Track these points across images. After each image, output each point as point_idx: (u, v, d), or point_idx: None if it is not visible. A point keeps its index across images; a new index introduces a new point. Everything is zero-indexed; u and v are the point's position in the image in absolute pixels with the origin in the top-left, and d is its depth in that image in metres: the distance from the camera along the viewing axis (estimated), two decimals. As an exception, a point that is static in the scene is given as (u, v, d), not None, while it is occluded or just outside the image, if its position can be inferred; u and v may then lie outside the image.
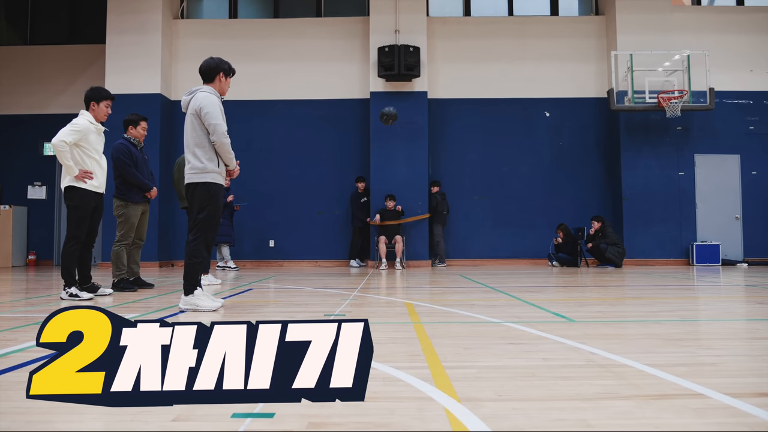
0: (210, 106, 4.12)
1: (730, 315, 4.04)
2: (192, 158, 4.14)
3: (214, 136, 4.11)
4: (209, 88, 4.28)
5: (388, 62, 10.99)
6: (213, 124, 4.09)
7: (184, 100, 4.29)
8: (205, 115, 4.09)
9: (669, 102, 10.69)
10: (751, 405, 1.71)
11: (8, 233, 11.88)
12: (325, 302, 4.73)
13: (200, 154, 4.12)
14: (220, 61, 4.37)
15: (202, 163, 4.12)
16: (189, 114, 4.18)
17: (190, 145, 4.16)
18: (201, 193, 4.12)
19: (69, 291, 4.92)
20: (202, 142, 4.13)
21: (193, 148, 4.14)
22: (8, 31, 13.27)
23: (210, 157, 4.14)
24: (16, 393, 1.91)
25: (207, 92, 4.22)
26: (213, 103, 4.15)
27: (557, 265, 10.59)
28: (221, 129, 4.12)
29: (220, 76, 4.35)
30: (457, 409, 1.68)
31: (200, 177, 4.12)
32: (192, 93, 4.26)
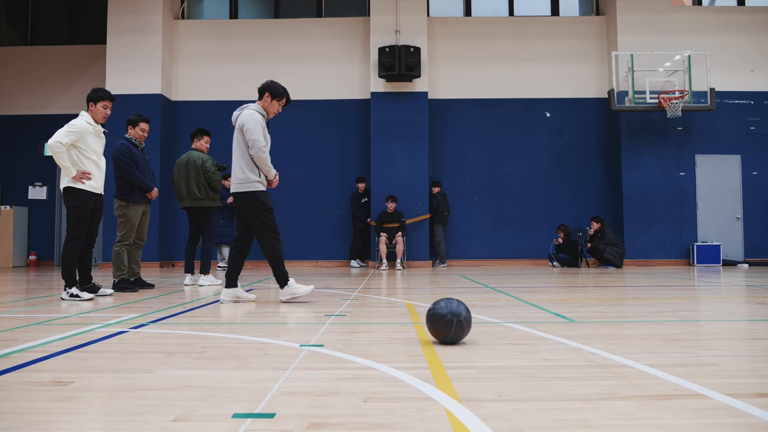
0: (251, 122, 4.53)
1: (730, 315, 4.04)
2: (237, 170, 4.59)
3: (252, 150, 4.52)
4: (256, 105, 4.70)
5: (389, 63, 10.99)
6: (251, 140, 4.51)
7: (235, 115, 4.70)
8: (246, 131, 4.52)
9: (670, 102, 10.69)
10: (751, 405, 1.71)
11: (9, 234, 11.89)
12: (326, 303, 4.73)
13: (243, 166, 4.56)
14: (273, 84, 4.76)
15: (244, 174, 4.56)
16: (236, 129, 4.60)
17: (237, 157, 4.59)
18: (251, 201, 4.58)
19: (70, 291, 4.92)
20: (245, 155, 4.57)
21: (239, 161, 4.58)
22: (9, 32, 13.28)
23: (251, 168, 4.58)
24: (17, 393, 1.92)
25: (252, 109, 4.64)
26: (255, 119, 4.56)
27: (558, 266, 10.58)
28: (258, 144, 4.51)
29: (266, 96, 4.72)
30: (457, 410, 1.68)
31: (244, 187, 4.57)
32: (241, 110, 4.67)
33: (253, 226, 4.65)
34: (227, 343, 2.85)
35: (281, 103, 4.80)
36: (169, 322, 3.61)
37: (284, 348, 2.67)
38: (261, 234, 4.63)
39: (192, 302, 4.91)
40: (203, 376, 2.15)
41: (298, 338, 2.94)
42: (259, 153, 4.53)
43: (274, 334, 3.07)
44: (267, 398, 1.82)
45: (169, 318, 3.80)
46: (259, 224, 4.62)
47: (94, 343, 2.86)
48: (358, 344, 2.76)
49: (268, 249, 4.63)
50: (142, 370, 2.25)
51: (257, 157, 4.55)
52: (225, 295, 4.70)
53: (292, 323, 3.60)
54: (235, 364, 2.36)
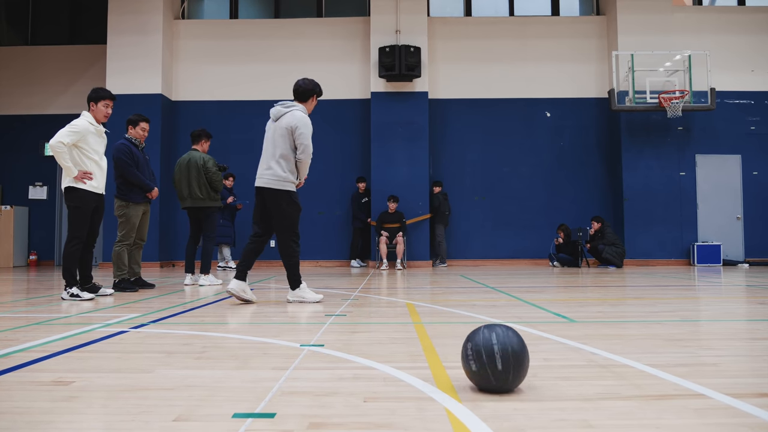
0: (306, 127, 4.60)
1: (731, 315, 4.04)
2: (276, 166, 4.58)
3: (303, 155, 4.59)
4: (303, 107, 4.72)
5: (389, 62, 10.99)
6: (306, 145, 4.58)
7: (279, 110, 4.67)
8: (299, 135, 4.55)
9: (670, 102, 10.69)
10: (751, 405, 1.71)
11: (9, 233, 11.89)
12: (326, 302, 4.73)
13: (284, 165, 4.58)
14: (315, 84, 4.81)
15: (285, 173, 4.58)
16: (282, 126, 4.58)
17: (276, 154, 4.58)
18: (286, 200, 4.60)
19: (70, 291, 4.92)
20: (289, 155, 4.59)
21: (279, 158, 4.58)
22: (9, 32, 13.28)
23: (292, 169, 4.62)
24: (17, 393, 1.92)
25: (303, 113, 4.68)
26: (309, 125, 4.63)
27: (558, 266, 10.58)
28: (310, 150, 4.62)
29: (314, 99, 4.81)
30: (457, 410, 1.68)
31: (282, 185, 4.58)
32: (289, 108, 4.65)
33: (280, 225, 4.65)
34: (227, 343, 2.85)
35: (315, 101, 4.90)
36: (170, 322, 3.61)
37: (284, 348, 2.67)
38: (285, 234, 4.65)
39: (192, 302, 4.91)
40: (203, 375, 2.15)
41: (299, 338, 2.94)
42: (308, 159, 4.63)
43: (274, 334, 3.07)
44: (267, 398, 1.82)
45: (170, 318, 3.80)
46: (288, 224, 4.64)
47: (95, 343, 2.86)
48: (358, 344, 2.76)
49: (289, 251, 4.66)
50: (142, 370, 2.25)
51: (306, 162, 4.63)
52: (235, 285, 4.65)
53: (292, 323, 3.60)
54: (236, 363, 2.36)
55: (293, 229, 4.67)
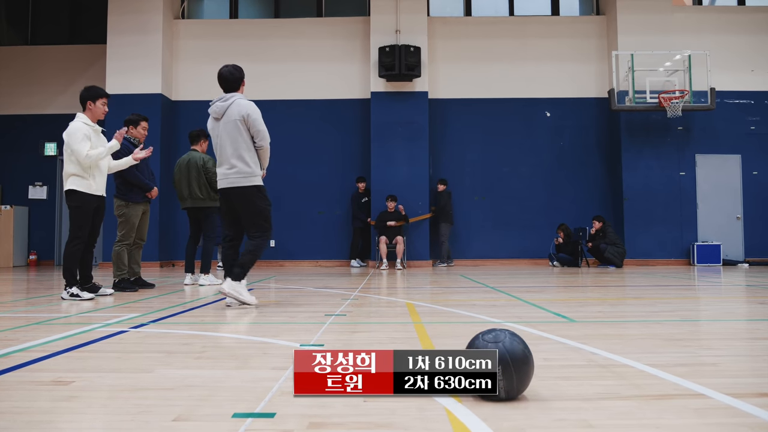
0: (256, 113, 4.36)
1: (730, 315, 4.04)
2: (239, 162, 4.34)
3: (262, 142, 4.38)
4: (242, 95, 4.49)
5: (389, 62, 10.98)
6: (261, 131, 4.36)
7: (220, 106, 4.40)
8: (253, 121, 4.32)
9: (670, 102, 10.69)
10: (751, 405, 1.71)
11: (9, 233, 11.88)
12: (326, 302, 4.73)
13: (248, 159, 4.34)
14: (240, 70, 4.57)
15: (250, 168, 4.35)
16: (233, 120, 4.32)
17: (238, 150, 4.33)
18: (257, 195, 4.38)
19: (70, 291, 4.92)
20: (249, 146, 4.36)
21: (242, 153, 4.33)
22: (9, 32, 13.28)
23: (255, 161, 4.40)
24: (17, 393, 1.92)
25: (248, 100, 4.44)
26: (257, 110, 4.39)
27: (558, 266, 10.58)
28: (266, 135, 4.41)
29: (243, 84, 4.55)
30: (457, 409, 1.68)
31: (250, 180, 4.35)
32: (228, 100, 4.39)
33: (251, 222, 4.39)
34: (227, 343, 2.85)
35: None
36: (169, 322, 3.61)
37: (284, 348, 2.67)
38: (258, 231, 4.41)
39: (192, 302, 4.91)
40: (203, 375, 2.15)
41: (298, 338, 2.93)
42: (267, 144, 4.44)
43: (274, 334, 3.07)
44: (267, 398, 1.82)
45: (169, 318, 3.80)
46: (261, 221, 4.42)
47: (95, 342, 2.86)
48: (358, 344, 2.76)
49: (256, 247, 4.41)
50: (142, 369, 2.25)
51: (266, 148, 4.44)
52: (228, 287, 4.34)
53: (292, 323, 3.60)
54: (236, 363, 2.36)
55: (269, 226, 4.48)
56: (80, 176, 4.91)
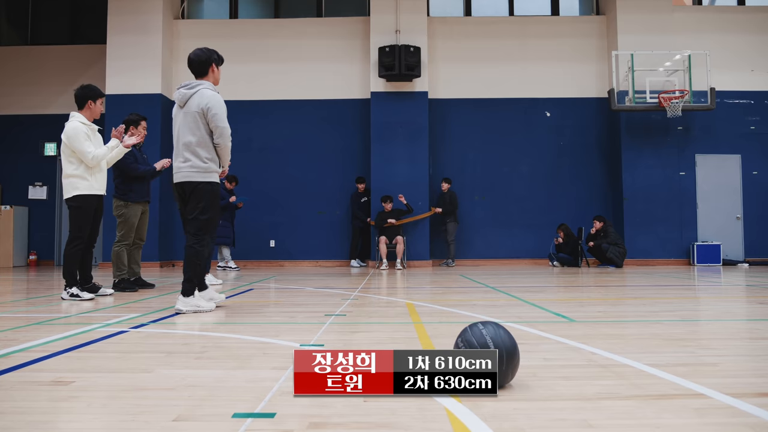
0: (218, 107, 4.02)
1: (730, 315, 4.04)
2: (192, 156, 4.02)
3: (220, 139, 4.05)
4: (210, 84, 4.12)
5: (389, 62, 10.98)
6: (222, 127, 4.03)
7: (183, 93, 4.07)
8: (213, 116, 3.99)
9: (670, 102, 10.68)
10: (751, 405, 1.71)
11: (9, 233, 11.88)
12: (326, 302, 4.73)
13: (203, 154, 4.03)
14: (210, 51, 4.18)
15: (205, 163, 4.04)
16: (192, 111, 4.01)
17: (191, 144, 4.02)
18: (207, 192, 4.06)
19: (70, 291, 4.92)
20: (206, 141, 4.04)
21: (195, 147, 4.02)
22: (9, 31, 13.28)
23: (213, 157, 4.08)
24: (17, 393, 1.92)
25: (212, 90, 4.08)
26: (221, 104, 4.05)
27: (558, 266, 10.58)
28: (228, 132, 4.08)
29: (212, 68, 4.17)
30: (457, 409, 1.68)
31: (204, 176, 4.04)
32: (193, 88, 4.06)
33: (197, 219, 4.04)
34: (227, 343, 2.85)
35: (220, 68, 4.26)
36: (169, 322, 3.61)
37: (284, 347, 2.67)
38: (203, 231, 4.06)
39: (192, 302, 4.90)
40: (203, 375, 2.15)
41: (299, 338, 2.94)
42: (228, 142, 4.09)
43: (274, 334, 3.07)
44: (267, 398, 1.82)
45: (169, 318, 3.80)
46: (203, 220, 4.05)
47: (95, 342, 2.86)
48: (358, 344, 2.76)
49: (198, 249, 4.04)
50: (142, 369, 2.25)
51: (225, 146, 4.09)
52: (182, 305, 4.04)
53: (292, 323, 3.60)
54: (236, 363, 2.36)
55: (213, 227, 4.14)
56: (81, 177, 4.92)
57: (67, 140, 4.87)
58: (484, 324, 1.95)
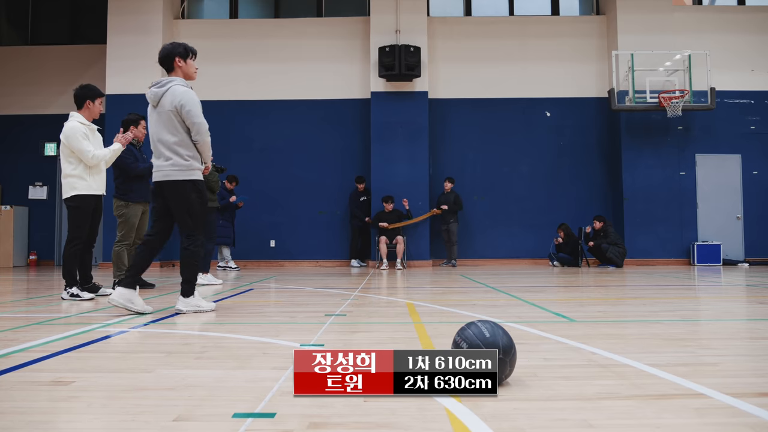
0: (191, 103, 3.90)
1: (731, 315, 4.04)
2: (173, 155, 3.93)
3: (198, 136, 3.94)
4: (181, 80, 4.00)
5: (389, 62, 10.99)
6: (197, 123, 3.91)
7: (154, 92, 3.95)
8: (187, 113, 3.88)
9: (670, 102, 10.68)
10: (752, 405, 1.71)
11: (9, 233, 11.89)
12: (326, 302, 4.72)
13: (183, 152, 3.94)
14: (173, 45, 4.06)
15: (187, 161, 3.95)
16: (165, 110, 3.90)
17: (169, 143, 3.92)
18: (190, 190, 3.97)
19: (70, 291, 4.93)
20: (185, 139, 3.95)
21: (175, 146, 3.92)
22: (9, 32, 13.28)
23: (193, 154, 3.98)
24: (17, 393, 1.92)
25: (184, 86, 3.95)
26: (194, 100, 3.94)
27: (558, 265, 10.58)
28: (205, 128, 3.96)
29: (177, 62, 4.02)
30: (457, 409, 1.68)
31: (186, 174, 3.95)
32: (164, 86, 3.94)
33: (185, 220, 4.02)
34: (227, 343, 2.85)
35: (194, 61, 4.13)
36: (169, 322, 3.61)
37: (284, 347, 2.67)
38: (193, 230, 4.01)
39: (192, 302, 4.89)
40: (203, 375, 2.15)
41: (299, 338, 2.94)
42: (206, 137, 3.97)
43: (274, 334, 3.07)
44: (267, 398, 1.82)
45: (169, 318, 3.80)
46: (193, 219, 4.01)
47: (95, 342, 2.86)
48: (358, 344, 2.76)
49: (193, 250, 4.02)
50: (142, 369, 2.25)
51: (203, 142, 3.97)
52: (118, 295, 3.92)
53: (292, 323, 3.60)
54: (236, 363, 2.36)
55: (202, 226, 4.10)
56: (79, 177, 4.92)
57: (65, 140, 4.88)
58: (481, 322, 1.99)
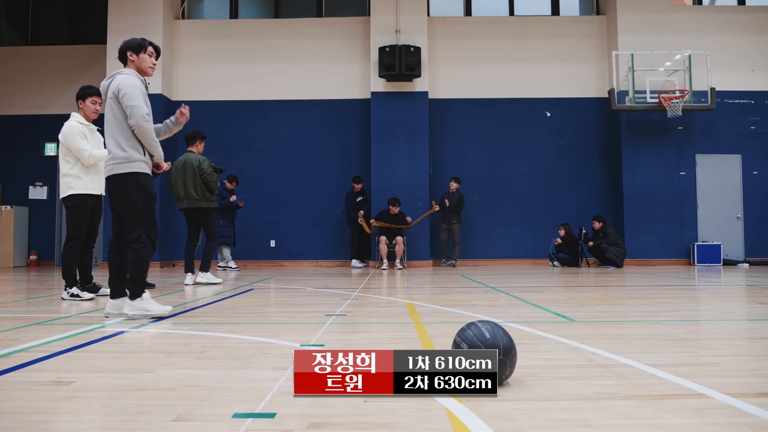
0: (129, 87, 3.74)
1: (731, 315, 4.04)
2: (114, 147, 3.77)
3: (132, 119, 3.72)
4: (129, 69, 3.90)
5: (389, 62, 10.99)
6: (131, 106, 3.71)
7: (103, 85, 3.93)
8: (122, 96, 3.73)
9: (670, 102, 10.68)
10: (752, 405, 1.71)
11: (9, 233, 11.89)
12: (326, 302, 4.73)
13: (123, 142, 3.75)
14: (129, 40, 3.97)
15: (125, 152, 3.75)
16: (109, 100, 3.82)
17: (113, 133, 3.78)
18: (130, 184, 3.75)
19: (70, 291, 4.93)
20: (124, 128, 3.77)
21: (116, 136, 3.77)
22: (9, 32, 13.28)
23: (133, 144, 3.78)
24: (17, 393, 1.92)
25: (126, 74, 3.85)
26: (132, 84, 3.77)
27: (558, 266, 10.58)
28: (140, 111, 3.73)
29: (130, 55, 3.91)
30: (457, 409, 1.68)
31: (125, 167, 3.75)
32: (112, 77, 3.89)
33: (126, 217, 3.79)
34: (227, 343, 2.85)
35: (152, 55, 3.96)
36: (169, 322, 3.61)
37: (284, 348, 2.67)
38: (135, 229, 3.75)
39: (192, 302, 4.91)
40: (203, 375, 2.15)
41: (299, 338, 2.94)
42: (141, 122, 3.73)
43: (274, 334, 3.07)
44: (267, 398, 1.82)
45: (170, 318, 3.80)
46: (136, 215, 3.76)
47: (95, 342, 2.86)
48: (358, 344, 2.76)
49: (137, 249, 3.74)
50: (142, 370, 2.25)
51: (138, 126, 3.73)
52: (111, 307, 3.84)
53: (292, 323, 3.60)
54: (236, 363, 2.36)
55: (147, 222, 3.78)
56: (76, 176, 4.93)
57: (63, 139, 4.92)
58: (481, 322, 1.99)
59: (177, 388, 1.97)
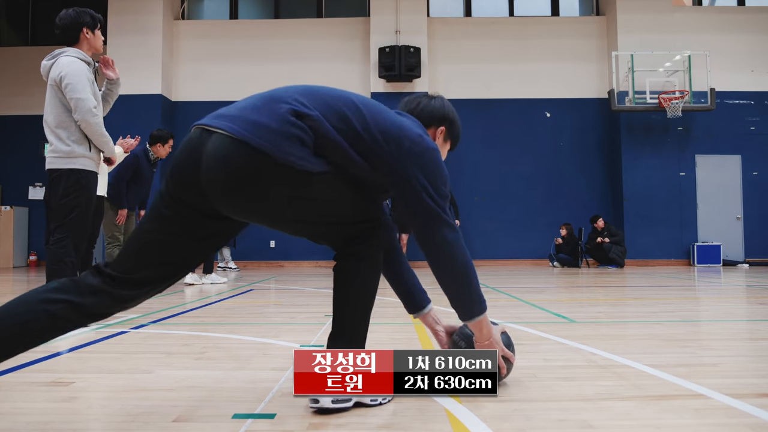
0: (73, 75, 3.29)
1: (731, 316, 4.04)
2: (55, 140, 3.33)
3: (77, 114, 3.28)
4: (75, 50, 3.44)
5: (389, 63, 10.99)
6: (77, 99, 3.27)
7: (44, 65, 3.44)
8: (65, 87, 3.28)
9: (670, 102, 10.69)
10: (752, 406, 1.71)
11: (9, 234, 11.89)
12: (326, 303, 4.72)
13: (65, 136, 3.32)
14: (78, 13, 3.52)
15: (68, 146, 3.32)
16: (49, 85, 3.37)
17: (51, 124, 3.35)
18: (68, 182, 3.32)
19: (70, 291, 4.91)
20: (66, 120, 3.33)
21: (55, 128, 3.34)
22: (9, 32, 13.28)
23: (77, 138, 3.34)
24: (17, 393, 1.92)
25: (72, 57, 3.39)
26: (78, 71, 3.31)
27: (558, 266, 10.58)
28: (87, 105, 3.28)
29: (85, 32, 3.50)
30: (457, 410, 1.68)
31: (66, 163, 3.32)
32: (54, 57, 3.44)
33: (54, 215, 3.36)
34: (227, 344, 2.84)
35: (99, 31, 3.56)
36: (169, 322, 3.61)
37: (284, 348, 2.67)
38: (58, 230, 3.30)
39: (192, 302, 4.91)
40: (203, 376, 2.15)
41: (299, 338, 2.94)
42: (88, 117, 3.29)
43: (274, 335, 3.07)
44: (267, 399, 1.82)
45: (169, 318, 3.80)
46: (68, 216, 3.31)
47: (95, 343, 2.86)
48: (358, 344, 2.75)
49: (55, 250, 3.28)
50: (142, 370, 2.25)
51: (85, 122, 3.30)
52: None
53: (292, 323, 3.60)
54: (236, 364, 2.36)
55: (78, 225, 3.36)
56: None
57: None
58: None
59: (177, 388, 1.96)
